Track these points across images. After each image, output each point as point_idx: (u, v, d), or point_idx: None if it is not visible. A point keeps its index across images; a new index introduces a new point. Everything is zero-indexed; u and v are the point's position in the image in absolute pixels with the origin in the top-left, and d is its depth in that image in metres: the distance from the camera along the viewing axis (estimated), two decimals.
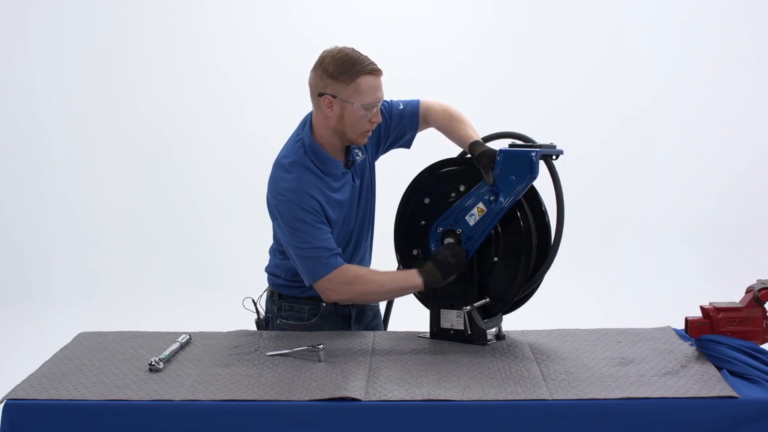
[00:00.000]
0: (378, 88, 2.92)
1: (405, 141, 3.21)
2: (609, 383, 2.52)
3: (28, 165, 7.43)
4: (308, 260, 2.91)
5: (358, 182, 3.08)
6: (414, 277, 2.90)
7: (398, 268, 3.12)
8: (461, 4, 7.58)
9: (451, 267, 2.87)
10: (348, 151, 3.06)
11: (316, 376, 2.60)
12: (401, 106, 3.15)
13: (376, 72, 2.90)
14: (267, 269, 3.24)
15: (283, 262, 3.11)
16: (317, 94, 2.94)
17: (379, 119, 2.97)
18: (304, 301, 3.14)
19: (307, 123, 3.03)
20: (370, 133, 3.00)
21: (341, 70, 2.88)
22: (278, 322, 3.19)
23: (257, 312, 3.21)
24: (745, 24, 7.49)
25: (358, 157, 3.08)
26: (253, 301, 3.20)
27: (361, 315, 3.25)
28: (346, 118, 2.92)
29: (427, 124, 3.17)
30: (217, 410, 2.42)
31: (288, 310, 3.17)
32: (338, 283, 2.91)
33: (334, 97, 2.90)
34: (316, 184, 2.94)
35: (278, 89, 7.17)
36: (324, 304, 3.13)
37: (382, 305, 3.36)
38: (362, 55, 2.92)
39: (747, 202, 7.41)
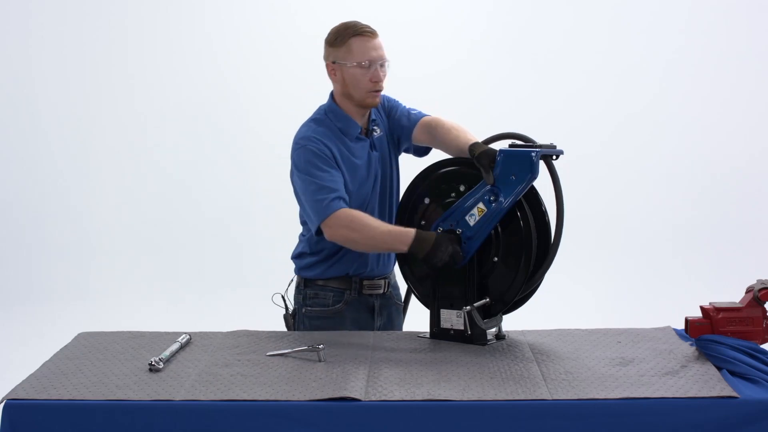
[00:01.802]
0: (371, 47, 3.08)
1: (408, 147, 3.27)
2: (609, 383, 2.52)
3: (28, 165, 7.43)
4: (314, 203, 3.01)
5: (376, 153, 3.17)
6: (403, 243, 2.92)
7: (401, 270, 3.14)
8: (461, 4, 7.59)
9: (438, 262, 2.88)
10: (370, 122, 3.18)
11: (316, 376, 2.60)
12: (409, 112, 3.25)
13: (365, 33, 3.09)
14: (292, 255, 3.28)
15: (307, 234, 3.19)
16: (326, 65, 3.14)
17: (379, 77, 3.09)
18: (329, 288, 3.19)
19: (329, 96, 3.20)
20: (378, 94, 3.11)
21: (336, 36, 3.11)
22: (303, 311, 3.23)
23: (286, 307, 3.26)
24: (745, 24, 7.49)
25: (376, 133, 3.19)
26: (283, 296, 3.24)
27: (383, 308, 3.27)
28: (347, 80, 3.09)
29: (431, 136, 3.17)
30: (217, 410, 2.42)
31: (313, 297, 3.22)
32: (337, 225, 2.97)
33: (334, 63, 3.11)
34: (332, 138, 3.09)
35: (278, 89, 7.18)
36: (348, 292, 3.18)
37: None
38: (359, 22, 3.12)
39: (747, 202, 7.42)
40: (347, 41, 3.07)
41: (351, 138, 3.13)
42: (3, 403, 2.46)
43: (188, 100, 7.45)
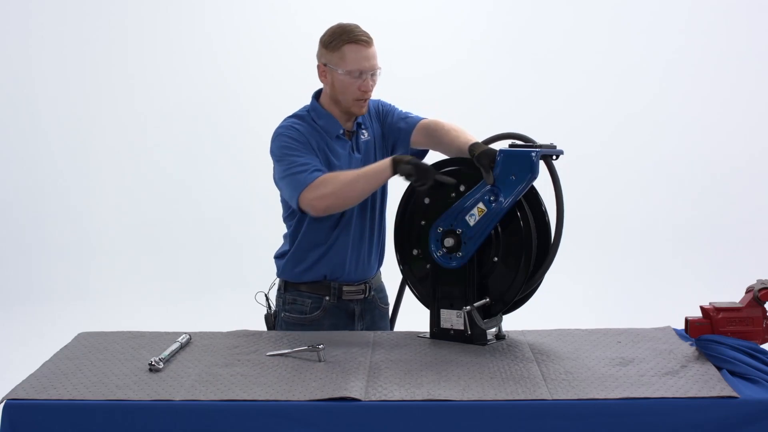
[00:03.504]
0: (364, 57, 3.06)
1: (404, 152, 3.24)
2: (609, 383, 2.52)
3: (28, 165, 7.43)
4: (292, 177, 3.00)
5: (358, 156, 3.16)
6: (384, 165, 2.93)
7: (400, 270, 3.13)
8: (461, 4, 7.59)
9: (421, 165, 2.89)
10: (356, 125, 3.18)
11: (316, 376, 2.60)
12: (406, 115, 3.24)
13: (361, 41, 3.06)
14: (275, 254, 3.28)
15: (289, 230, 3.20)
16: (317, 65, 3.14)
17: (368, 88, 3.08)
18: (307, 294, 3.18)
19: (312, 97, 3.21)
20: (365, 103, 3.10)
21: (330, 39, 3.09)
22: (282, 315, 3.22)
23: (268, 306, 3.25)
24: (745, 24, 7.49)
25: (363, 136, 3.18)
26: (266, 295, 3.25)
27: (365, 313, 3.26)
28: (336, 85, 3.09)
29: (430, 138, 3.16)
30: (217, 410, 2.42)
31: (291, 303, 3.21)
32: (318, 187, 2.96)
33: (325, 65, 3.10)
34: (310, 132, 3.09)
35: (278, 89, 7.17)
36: (327, 298, 3.16)
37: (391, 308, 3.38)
38: (357, 27, 3.09)
39: (747, 202, 7.42)
40: (341, 48, 3.05)
41: (331, 137, 3.13)
42: (3, 403, 2.46)
43: (188, 100, 7.45)
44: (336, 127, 3.14)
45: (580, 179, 6.47)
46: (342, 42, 3.05)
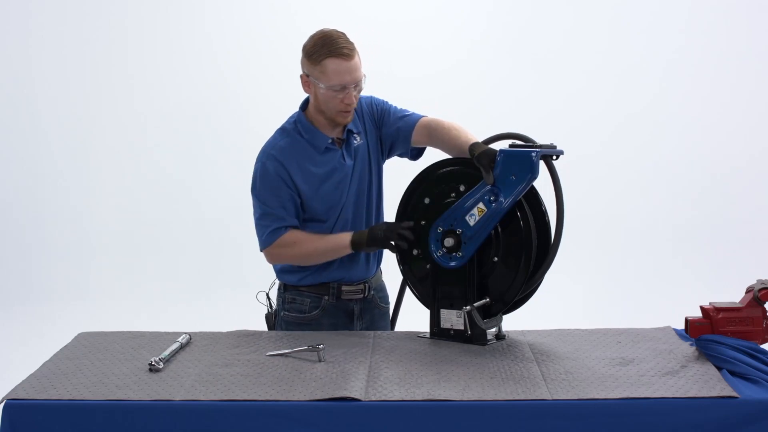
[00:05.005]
0: (345, 71, 2.98)
1: (404, 151, 3.25)
2: (609, 383, 2.52)
3: (28, 165, 7.43)
4: (258, 227, 3.10)
5: (350, 162, 3.13)
6: (344, 236, 3.05)
7: (400, 270, 3.13)
8: (461, 4, 7.58)
9: (377, 239, 3.00)
10: (346, 132, 3.15)
11: (316, 376, 2.60)
12: (403, 114, 3.21)
13: (343, 55, 2.97)
14: None
15: None
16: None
17: (351, 101, 3.03)
18: (306, 293, 3.19)
19: (302, 103, 3.18)
20: (349, 113, 3.07)
21: (312, 51, 3.02)
22: (282, 314, 3.23)
23: (269, 305, 3.27)
24: (745, 24, 7.49)
25: (355, 141, 3.15)
26: (267, 294, 3.26)
27: (365, 312, 3.26)
28: (318, 98, 3.05)
29: (430, 137, 3.15)
30: (217, 410, 2.42)
31: (290, 302, 3.21)
32: (279, 247, 3.07)
33: (307, 76, 3.05)
34: (293, 153, 3.07)
35: (278, 89, 7.17)
36: (326, 297, 3.17)
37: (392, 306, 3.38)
38: (339, 37, 3.00)
39: (747, 202, 7.42)
40: (322, 61, 2.97)
41: (319, 150, 3.10)
42: (3, 403, 2.46)
43: (188, 100, 7.45)
44: (323, 141, 3.10)
45: (580, 179, 6.47)
46: (322, 55, 2.97)
